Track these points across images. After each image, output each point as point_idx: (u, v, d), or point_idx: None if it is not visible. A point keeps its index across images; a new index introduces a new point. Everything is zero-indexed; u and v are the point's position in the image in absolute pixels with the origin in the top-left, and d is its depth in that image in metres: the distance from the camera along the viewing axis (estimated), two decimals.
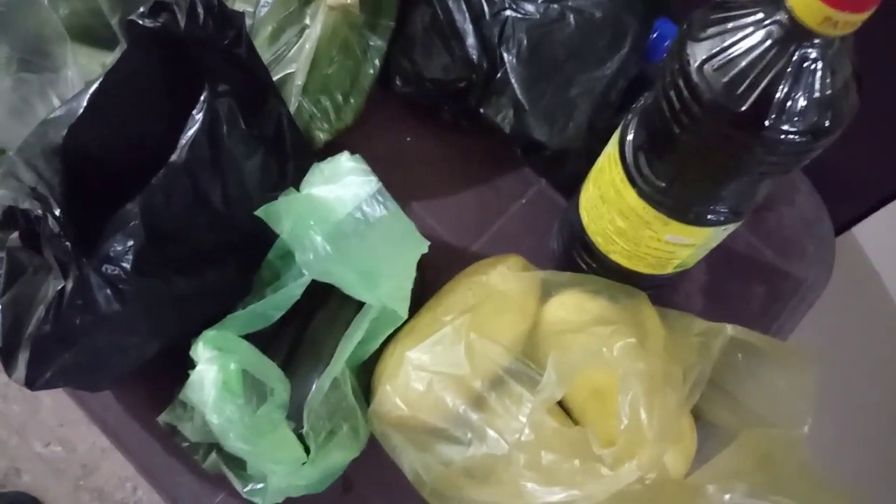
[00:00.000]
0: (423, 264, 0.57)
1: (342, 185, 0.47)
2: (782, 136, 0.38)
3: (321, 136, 0.63)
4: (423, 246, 0.49)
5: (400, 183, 0.66)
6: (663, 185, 0.46)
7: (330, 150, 0.64)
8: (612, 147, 0.50)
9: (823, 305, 0.67)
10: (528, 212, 0.66)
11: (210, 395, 0.44)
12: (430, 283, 0.59)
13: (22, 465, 1.30)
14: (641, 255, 0.52)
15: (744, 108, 0.38)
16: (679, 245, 0.50)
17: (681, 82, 0.40)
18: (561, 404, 0.52)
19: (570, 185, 0.62)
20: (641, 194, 0.47)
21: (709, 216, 0.47)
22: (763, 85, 0.37)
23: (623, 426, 0.40)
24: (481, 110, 0.63)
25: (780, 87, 0.37)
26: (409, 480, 0.50)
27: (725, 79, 0.38)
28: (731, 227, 0.49)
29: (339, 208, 0.46)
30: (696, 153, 0.42)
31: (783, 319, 0.65)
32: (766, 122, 0.37)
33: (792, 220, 0.68)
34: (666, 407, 0.40)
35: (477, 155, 0.67)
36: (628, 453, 0.39)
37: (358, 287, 0.47)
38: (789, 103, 0.37)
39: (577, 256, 0.59)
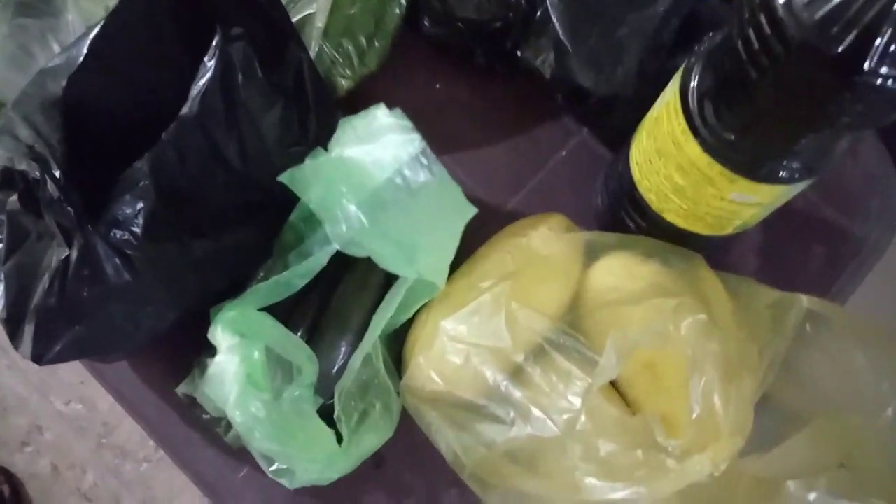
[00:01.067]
0: None
1: (379, 145, 0.42)
2: (881, 83, 0.33)
3: (343, 83, 0.58)
4: (471, 212, 0.44)
5: (428, 134, 0.60)
6: (732, 137, 0.41)
7: (352, 98, 0.59)
8: (670, 94, 0.45)
9: (886, 268, 0.62)
10: (569, 165, 0.61)
11: (232, 392, 0.40)
12: (464, 243, 0.54)
13: (44, 422, 1.29)
14: (700, 214, 0.47)
15: (839, 50, 0.32)
16: (744, 204, 0.45)
17: (762, 18, 0.34)
18: None
19: (617, 136, 0.56)
20: (706, 148, 0.42)
21: (781, 173, 0.42)
22: (863, 23, 0.32)
23: (694, 415, 0.36)
24: (519, 53, 0.58)
25: (884, 27, 0.31)
26: (437, 456, 0.47)
27: (818, 15, 0.32)
28: (801, 185, 0.44)
29: (376, 173, 0.41)
30: (774, 101, 0.37)
31: (842, 282, 0.60)
32: (865, 67, 0.32)
33: (855, 174, 0.63)
34: (742, 394, 0.36)
35: (513, 103, 0.62)
36: (698, 445, 0.35)
37: (394, 260, 0.42)
38: (893, 47, 0.32)
39: (624, 214, 0.54)
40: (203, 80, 0.42)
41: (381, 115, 0.44)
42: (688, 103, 0.43)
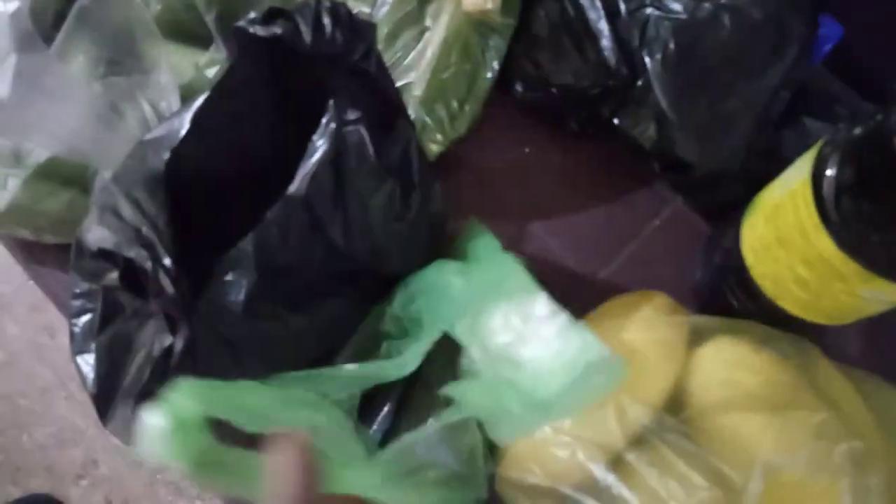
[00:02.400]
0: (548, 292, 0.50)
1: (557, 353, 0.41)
2: None
3: (434, 147, 0.57)
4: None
5: (517, 199, 0.60)
6: (876, 235, 0.38)
7: (441, 161, 0.57)
8: (797, 182, 0.42)
9: None
10: (665, 234, 0.58)
11: None
12: None
13: (100, 455, 1.28)
14: (822, 307, 0.45)
15: None
16: (875, 301, 0.42)
17: None
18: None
19: (720, 207, 0.54)
20: (841, 244, 0.40)
21: None
22: None
23: None
24: (616, 121, 0.56)
25: None
26: None
27: None
28: None
29: (548, 382, 0.40)
30: None
31: None
32: None
33: None
34: None
35: (605, 167, 0.60)
36: None
37: None
38: None
39: (728, 293, 0.51)
40: (313, 160, 0.40)
41: (539, 307, 0.43)
42: (821, 195, 0.40)
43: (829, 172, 0.40)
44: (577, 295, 0.51)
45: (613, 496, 0.42)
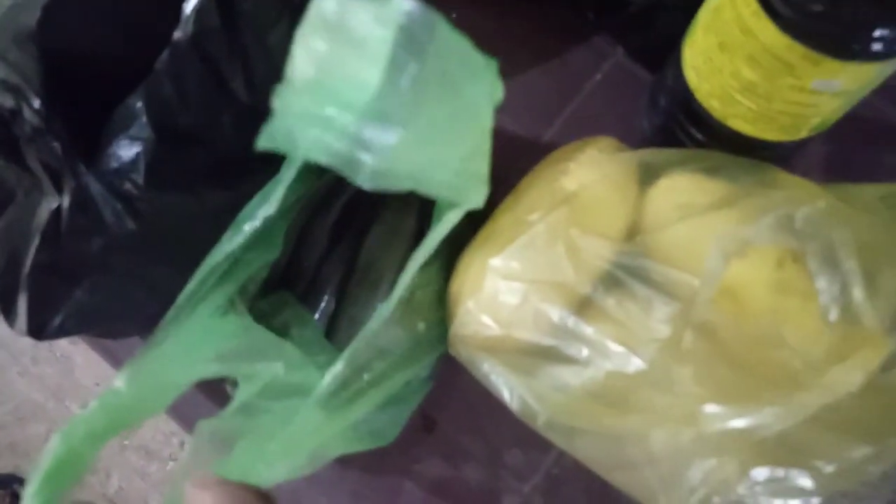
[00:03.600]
0: (491, 159, 0.47)
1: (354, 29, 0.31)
2: None
3: None
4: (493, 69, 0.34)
5: None
6: (818, 6, 0.35)
7: None
8: None
9: None
10: (607, 89, 0.55)
11: None
12: (500, 180, 0.48)
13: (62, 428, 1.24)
14: (773, 114, 0.42)
15: None
16: (826, 94, 0.39)
17: None
18: None
19: (661, 50, 0.51)
20: (785, 26, 0.36)
21: (874, 45, 0.36)
22: None
23: (832, 316, 0.30)
24: None
25: None
26: (503, 411, 0.42)
27: None
28: (894, 63, 0.38)
29: (365, 72, 0.32)
30: None
31: None
32: None
33: None
34: (891, 289, 0.30)
35: (537, 26, 0.56)
36: (837, 355, 0.29)
37: (437, 181, 0.35)
38: None
39: (679, 131, 0.48)
40: None
41: None
42: None
43: None
44: (521, 160, 0.48)
45: (575, 334, 0.39)
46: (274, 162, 0.45)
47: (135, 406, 0.37)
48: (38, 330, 0.38)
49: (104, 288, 0.38)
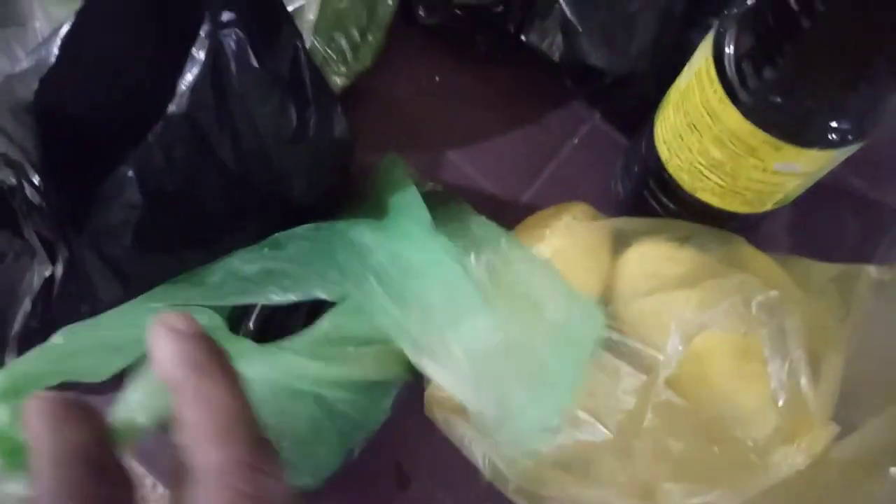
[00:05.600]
0: None
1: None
2: None
3: (338, 80, 0.54)
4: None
5: (432, 129, 0.58)
6: (778, 99, 0.37)
7: (348, 96, 0.55)
8: (700, 62, 0.41)
9: None
10: (584, 152, 0.57)
11: None
12: None
13: None
14: (739, 190, 0.44)
15: None
16: (788, 175, 0.41)
17: None
18: None
19: (633, 119, 0.53)
20: (748, 114, 0.39)
21: (830, 135, 0.38)
22: None
23: (781, 401, 0.32)
24: (523, 38, 0.54)
25: None
26: (478, 471, 0.43)
27: None
28: (850, 150, 0.41)
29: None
30: (829, 50, 0.34)
31: (882, 254, 0.56)
32: None
33: (880, 141, 0.59)
34: (830, 374, 0.32)
35: (518, 91, 0.58)
36: (783, 437, 0.31)
37: None
38: None
39: (650, 198, 0.50)
40: (192, 73, 0.38)
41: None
42: (724, 68, 0.39)
43: (727, 49, 0.39)
44: (500, 220, 0.50)
45: None
46: (252, 222, 0.47)
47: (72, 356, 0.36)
48: None
49: None
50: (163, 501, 0.71)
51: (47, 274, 0.35)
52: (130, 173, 0.38)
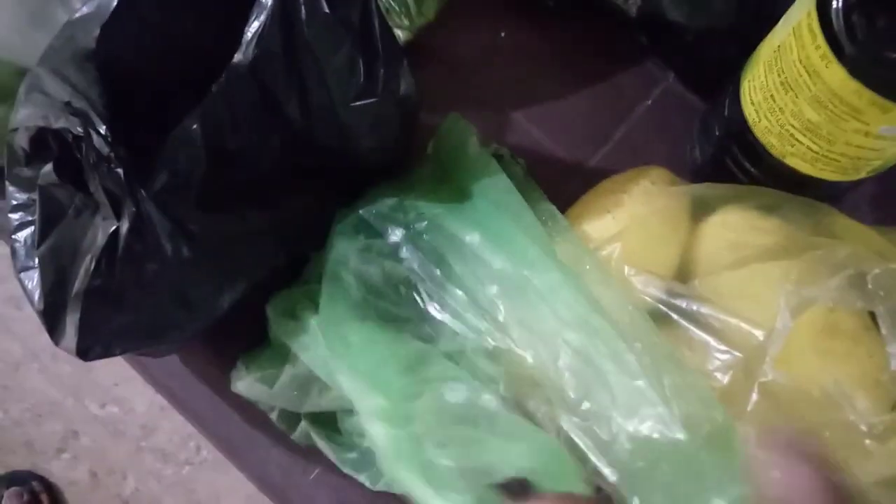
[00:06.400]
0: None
1: None
2: None
3: (400, 34, 0.52)
4: None
5: (496, 88, 0.55)
6: (892, 56, 0.34)
7: (411, 51, 0.53)
8: (801, 15, 0.38)
9: None
10: (657, 115, 0.54)
11: None
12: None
13: (79, 427, 1.24)
14: (835, 155, 0.41)
15: None
16: (892, 139, 0.38)
17: None
18: None
19: (713, 78, 0.50)
20: (856, 71, 0.35)
21: None
22: None
23: None
24: None
25: None
26: None
27: None
28: None
29: None
30: None
31: None
32: None
33: None
34: None
35: (588, 48, 0.55)
36: None
37: None
38: None
39: (732, 164, 0.47)
40: (259, 20, 0.36)
41: None
42: (829, 20, 0.36)
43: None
44: (567, 185, 0.48)
45: None
46: (316, 183, 0.45)
47: None
48: (86, 350, 0.37)
49: (149, 310, 0.38)
50: None
51: (112, 229, 0.34)
52: (196, 126, 0.36)
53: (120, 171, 0.32)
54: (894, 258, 0.33)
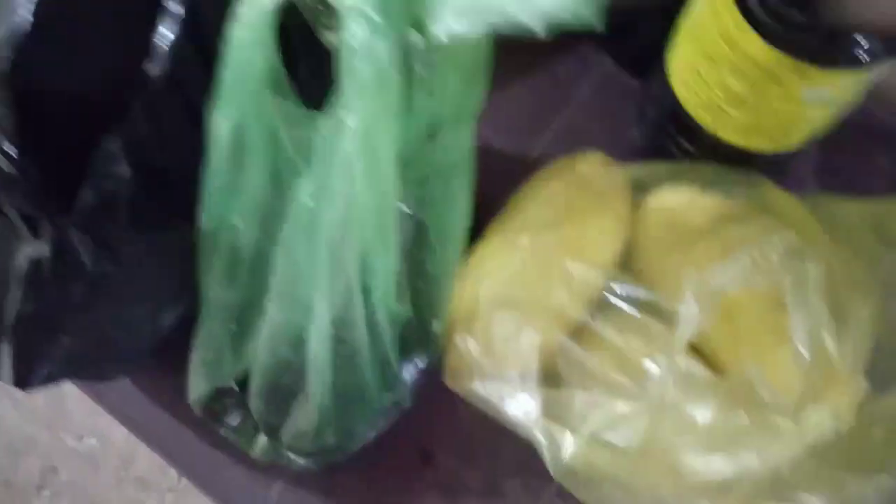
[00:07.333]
0: (478, 178, 0.46)
1: None
2: None
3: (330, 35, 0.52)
4: None
5: None
6: (803, 17, 0.34)
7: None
8: None
9: None
10: (595, 100, 0.54)
11: None
12: (489, 197, 0.48)
13: (58, 462, 1.22)
14: (764, 125, 0.41)
15: None
16: (816, 104, 0.39)
17: None
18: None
19: (644, 58, 0.50)
20: (771, 39, 0.36)
21: (860, 52, 0.35)
22: None
23: (806, 361, 0.29)
24: None
25: None
26: (502, 440, 0.41)
27: None
28: (881, 69, 0.37)
29: None
30: None
31: None
32: None
33: None
34: (859, 326, 0.29)
35: (523, 39, 0.55)
36: (812, 397, 0.28)
37: None
38: None
39: (669, 142, 0.47)
40: (170, 31, 0.35)
41: None
42: None
43: None
44: (510, 176, 0.47)
45: (574, 362, 0.39)
46: None
47: None
48: (24, 380, 0.37)
49: (88, 332, 0.37)
50: None
51: (34, 255, 0.33)
52: (117, 145, 0.36)
53: (32, 192, 0.32)
54: (812, 229, 0.33)
